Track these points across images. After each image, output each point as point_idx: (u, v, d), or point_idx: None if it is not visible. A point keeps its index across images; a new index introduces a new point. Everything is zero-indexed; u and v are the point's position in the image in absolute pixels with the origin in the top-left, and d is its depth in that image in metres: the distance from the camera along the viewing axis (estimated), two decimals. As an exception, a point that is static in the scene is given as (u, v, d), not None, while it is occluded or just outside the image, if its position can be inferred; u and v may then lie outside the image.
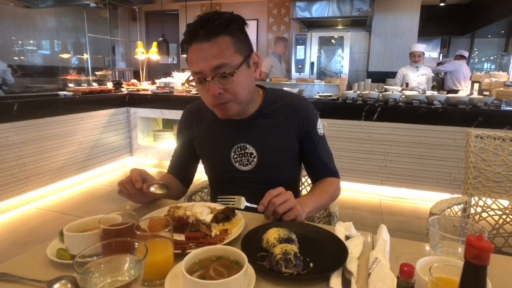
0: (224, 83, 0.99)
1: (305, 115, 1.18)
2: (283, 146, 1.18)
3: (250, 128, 1.16)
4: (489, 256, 0.45)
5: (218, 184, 1.29)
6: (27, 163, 2.94)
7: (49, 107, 3.11)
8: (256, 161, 1.16)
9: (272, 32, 6.97)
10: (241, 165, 1.17)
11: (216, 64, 0.97)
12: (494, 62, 8.53)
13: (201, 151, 1.26)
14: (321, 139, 1.22)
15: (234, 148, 1.17)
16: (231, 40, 0.99)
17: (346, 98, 3.29)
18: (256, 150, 1.16)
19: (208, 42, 0.96)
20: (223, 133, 1.19)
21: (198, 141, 1.24)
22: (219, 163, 1.21)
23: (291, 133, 1.17)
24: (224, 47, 0.97)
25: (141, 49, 5.05)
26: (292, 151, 1.20)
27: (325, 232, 0.87)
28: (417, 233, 2.69)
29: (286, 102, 1.19)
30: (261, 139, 1.16)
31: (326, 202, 1.19)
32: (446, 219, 0.87)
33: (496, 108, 2.92)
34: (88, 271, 0.55)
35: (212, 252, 0.68)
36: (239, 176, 1.18)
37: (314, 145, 1.20)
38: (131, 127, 4.16)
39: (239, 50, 1.01)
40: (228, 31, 0.98)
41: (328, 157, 1.24)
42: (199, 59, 0.98)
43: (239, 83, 1.01)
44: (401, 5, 6.03)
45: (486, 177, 1.51)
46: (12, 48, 5.44)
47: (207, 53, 0.97)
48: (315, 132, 1.20)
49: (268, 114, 1.17)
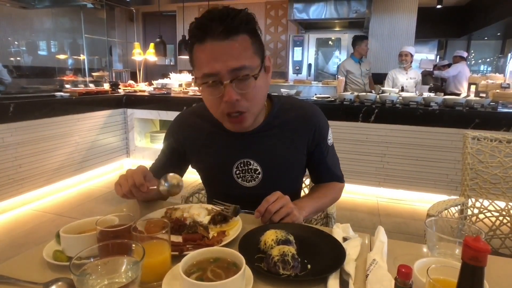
0: (244, 87, 0.89)
1: (317, 127, 1.10)
2: (290, 161, 1.10)
3: (255, 142, 1.06)
4: (486, 257, 0.46)
5: (216, 196, 1.12)
6: (23, 164, 2.92)
7: (46, 108, 3.10)
8: (260, 178, 1.08)
9: (269, 33, 6.98)
10: (244, 181, 1.09)
11: (237, 66, 0.86)
12: (490, 64, 8.59)
13: (199, 164, 1.16)
14: (330, 149, 1.17)
15: (237, 164, 1.07)
16: (251, 39, 0.88)
17: (344, 99, 3.30)
18: (261, 167, 1.07)
19: (227, 40, 0.84)
20: (225, 146, 1.09)
21: (195, 153, 1.14)
22: (220, 178, 1.12)
23: (300, 147, 1.10)
24: (245, 46, 0.87)
25: (138, 50, 5.03)
26: (300, 165, 1.14)
27: (323, 233, 0.86)
28: (415, 234, 2.69)
29: (297, 113, 1.09)
30: (266, 155, 1.07)
31: (325, 206, 1.18)
32: (443, 220, 0.87)
33: (492, 110, 2.94)
34: (85, 273, 0.55)
35: (209, 254, 0.68)
36: (241, 192, 1.10)
37: (323, 156, 1.15)
38: (128, 128, 4.15)
39: (257, 51, 0.90)
40: (248, 29, 0.88)
41: (335, 164, 1.20)
42: (215, 59, 0.86)
43: (259, 89, 0.92)
44: (398, 7, 6.06)
45: (483, 179, 1.52)
46: (8, 49, 5.41)
47: (226, 52, 0.85)
48: (325, 143, 1.14)
49: (275, 126, 1.07)
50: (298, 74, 6.31)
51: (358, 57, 4.81)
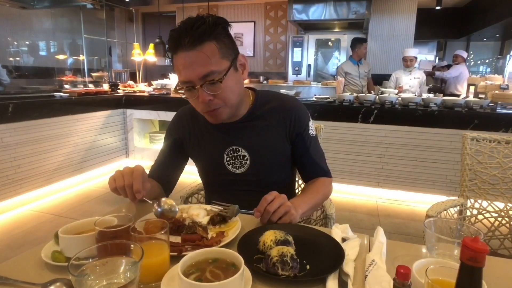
0: (214, 90, 0.98)
1: (296, 116, 1.18)
2: (275, 147, 1.18)
3: (241, 130, 1.16)
4: (484, 258, 0.46)
5: (212, 186, 1.29)
6: (22, 164, 2.91)
7: (45, 108, 3.09)
8: (249, 164, 1.16)
9: (269, 34, 6.99)
10: (234, 167, 1.18)
11: (204, 73, 0.95)
12: (489, 65, 8.61)
13: (194, 154, 1.26)
14: (313, 140, 1.22)
15: (227, 151, 1.17)
16: (217, 45, 0.97)
17: (343, 100, 3.30)
18: (248, 153, 1.16)
19: (193, 50, 0.95)
20: (216, 136, 1.19)
21: (191, 145, 1.24)
22: (213, 167, 1.22)
23: (282, 135, 1.18)
24: (210, 54, 0.96)
25: (138, 50, 5.04)
26: (285, 152, 1.21)
27: (322, 234, 0.87)
28: (414, 235, 2.70)
29: (277, 103, 1.19)
30: (252, 141, 1.16)
31: (319, 202, 1.20)
32: (442, 221, 0.87)
33: (491, 111, 2.95)
34: (84, 274, 0.55)
35: (208, 254, 0.68)
36: (233, 179, 1.19)
37: (306, 147, 1.20)
38: (127, 128, 4.15)
39: (225, 54, 0.99)
40: (213, 36, 0.96)
41: (320, 157, 1.25)
42: (186, 68, 0.97)
43: (228, 88, 1.01)
44: (397, 8, 6.07)
45: (481, 180, 1.52)
46: (8, 49, 5.41)
47: (194, 61, 0.95)
48: (307, 133, 1.20)
49: (258, 116, 1.17)
50: (297, 75, 6.32)
51: (356, 59, 4.81)
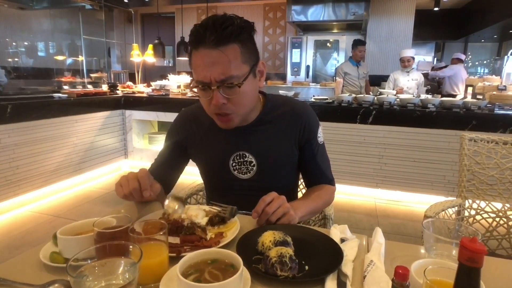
0: (230, 93, 0.96)
1: (306, 123, 1.15)
2: (283, 153, 1.15)
3: (249, 135, 1.13)
4: (482, 258, 0.46)
5: (214, 189, 1.27)
6: (21, 165, 2.91)
7: (43, 109, 3.09)
8: (255, 170, 1.14)
9: (268, 35, 7.00)
10: (240, 173, 1.15)
11: (223, 77, 0.92)
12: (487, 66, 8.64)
13: (197, 157, 1.23)
14: (320, 147, 1.20)
15: (233, 156, 1.14)
16: (240, 49, 0.94)
17: (342, 101, 3.31)
18: (255, 159, 1.13)
19: (216, 50, 0.91)
20: (222, 140, 1.15)
21: (194, 147, 1.21)
22: (217, 171, 1.19)
23: (291, 141, 1.15)
24: (233, 57, 0.92)
25: (137, 51, 5.04)
26: (292, 159, 1.18)
27: (321, 235, 0.87)
28: (412, 235, 2.70)
29: (287, 108, 1.16)
30: (260, 147, 1.13)
31: (319, 208, 1.19)
32: (440, 221, 0.88)
33: (489, 112, 2.96)
34: (82, 275, 0.55)
35: (207, 255, 0.68)
36: (238, 184, 1.16)
37: (313, 153, 1.18)
38: (126, 129, 4.14)
39: (247, 59, 0.96)
40: (238, 39, 0.93)
41: (326, 165, 1.23)
42: (205, 67, 0.93)
43: (244, 93, 0.98)
44: (396, 9, 6.09)
45: (479, 180, 1.53)
46: (6, 50, 5.40)
47: (215, 61, 0.92)
48: (316, 140, 1.18)
49: (268, 121, 1.14)
50: (296, 76, 6.33)
51: (356, 60, 4.82)
